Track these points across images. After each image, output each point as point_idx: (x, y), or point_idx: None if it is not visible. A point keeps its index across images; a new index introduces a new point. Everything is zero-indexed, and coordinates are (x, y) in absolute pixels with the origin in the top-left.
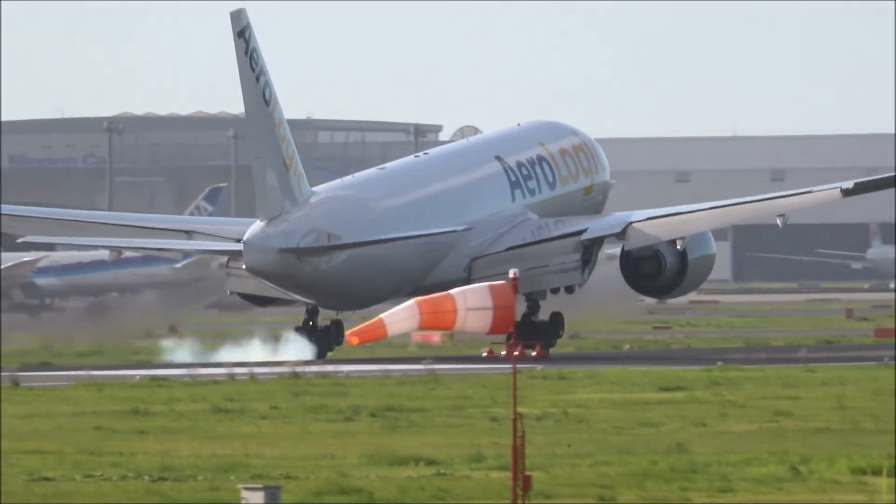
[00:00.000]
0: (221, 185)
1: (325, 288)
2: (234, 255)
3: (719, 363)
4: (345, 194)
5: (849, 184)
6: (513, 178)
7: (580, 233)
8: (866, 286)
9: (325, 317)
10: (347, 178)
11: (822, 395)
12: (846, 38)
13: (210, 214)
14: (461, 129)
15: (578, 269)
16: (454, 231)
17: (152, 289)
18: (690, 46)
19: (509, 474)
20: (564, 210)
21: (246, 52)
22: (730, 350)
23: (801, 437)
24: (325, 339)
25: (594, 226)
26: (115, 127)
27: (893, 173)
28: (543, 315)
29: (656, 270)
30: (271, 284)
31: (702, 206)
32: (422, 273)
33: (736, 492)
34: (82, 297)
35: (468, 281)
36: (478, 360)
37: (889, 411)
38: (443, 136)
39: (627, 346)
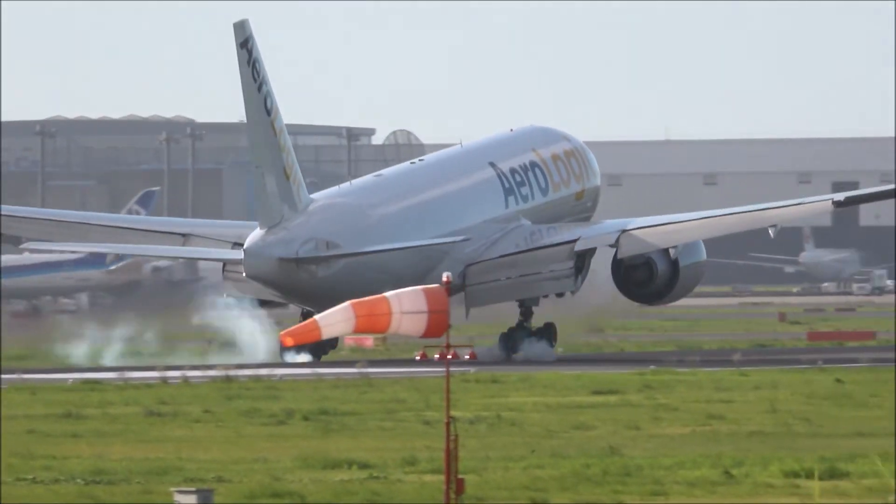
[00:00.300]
0: (154, 188)
1: (322, 294)
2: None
3: (652, 367)
4: (342, 202)
5: (840, 196)
6: (506, 185)
7: (573, 242)
8: (795, 290)
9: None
10: (344, 186)
11: (754, 399)
12: (779, 42)
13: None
14: (394, 133)
15: (571, 277)
16: (452, 241)
17: (84, 293)
18: (622, 50)
19: (442, 477)
20: (556, 215)
21: (248, 63)
22: (663, 354)
23: (734, 441)
24: (320, 343)
25: (587, 234)
26: (48, 130)
27: (882, 188)
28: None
29: (648, 277)
30: (270, 290)
31: (695, 215)
32: (417, 279)
33: (669, 495)
34: (17, 301)
35: (463, 287)
36: (411, 363)
37: (821, 415)
38: (375, 139)
39: (560, 350)
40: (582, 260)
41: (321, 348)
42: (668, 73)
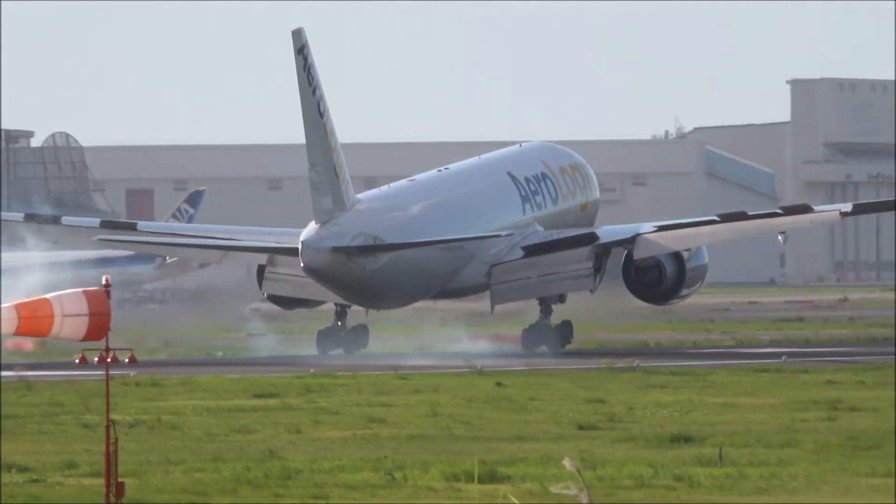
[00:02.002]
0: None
1: (368, 287)
2: (272, 258)
3: (312, 370)
4: (385, 201)
5: (847, 207)
6: (523, 193)
7: (594, 238)
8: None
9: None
10: (383, 188)
11: (415, 402)
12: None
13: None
14: (53, 136)
15: (591, 276)
16: (497, 236)
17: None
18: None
19: (102, 481)
20: (564, 224)
21: (304, 68)
22: (325, 357)
23: (395, 444)
24: (353, 341)
25: (604, 232)
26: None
27: (887, 200)
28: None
29: (657, 279)
30: (322, 283)
31: (705, 219)
32: (448, 277)
33: (330, 498)
34: None
35: (488, 286)
36: (71, 366)
37: (482, 418)
38: (34, 142)
39: (220, 353)
40: (600, 260)
41: (353, 346)
42: (338, 78)
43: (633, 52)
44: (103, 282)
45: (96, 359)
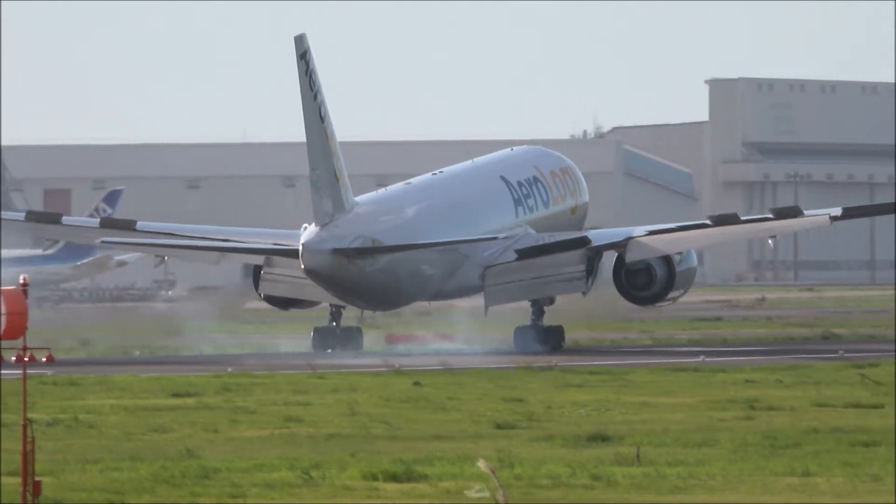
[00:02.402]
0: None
1: (367, 288)
2: (269, 259)
3: (230, 369)
4: (382, 205)
5: (836, 211)
6: (515, 196)
7: (587, 241)
8: None
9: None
10: (381, 191)
11: (333, 402)
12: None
13: None
14: None
15: (583, 279)
16: (494, 238)
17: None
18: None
19: (20, 480)
20: (555, 227)
21: (306, 73)
22: (241, 356)
23: (313, 443)
24: (347, 340)
25: (596, 235)
26: None
27: (880, 203)
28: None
29: (647, 281)
30: (322, 285)
31: (696, 223)
32: (444, 279)
33: (247, 497)
34: None
35: (482, 288)
36: None
37: (400, 417)
38: None
39: (138, 352)
40: (592, 263)
41: (349, 345)
42: (245, 77)
43: (552, 52)
44: (20, 281)
45: (13, 358)
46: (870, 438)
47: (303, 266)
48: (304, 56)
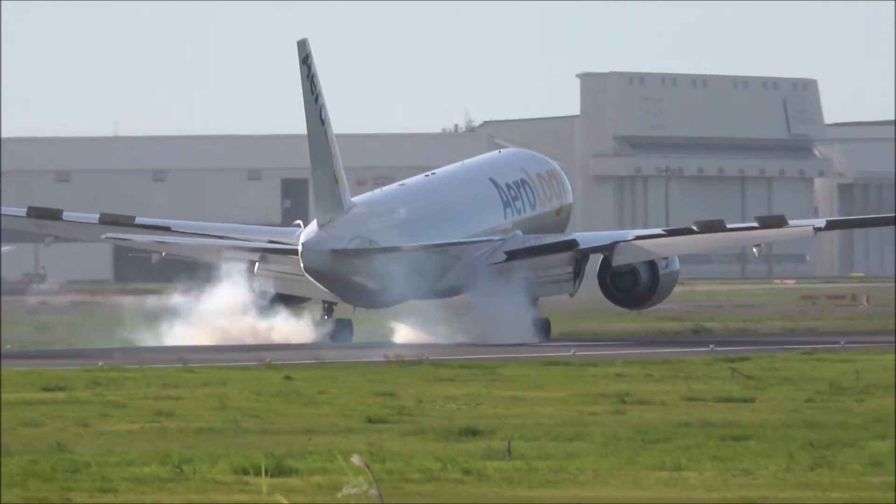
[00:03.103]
0: None
1: (362, 287)
2: (264, 256)
3: (101, 363)
4: (378, 206)
5: (821, 222)
6: (504, 198)
7: (575, 244)
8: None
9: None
10: (377, 192)
11: (203, 396)
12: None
13: None
14: None
15: (571, 280)
16: (490, 241)
17: None
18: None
19: None
20: (541, 228)
21: (308, 77)
22: (112, 350)
23: (183, 437)
24: (339, 333)
25: (585, 239)
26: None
27: (865, 217)
28: None
29: (632, 284)
30: (320, 283)
31: (681, 228)
32: (437, 278)
33: (118, 492)
34: None
35: (472, 287)
36: None
37: (271, 411)
38: None
39: (9, 346)
40: (579, 265)
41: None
42: (118, 70)
43: (422, 45)
44: None
45: None
46: (740, 432)
47: (302, 265)
48: (305, 60)
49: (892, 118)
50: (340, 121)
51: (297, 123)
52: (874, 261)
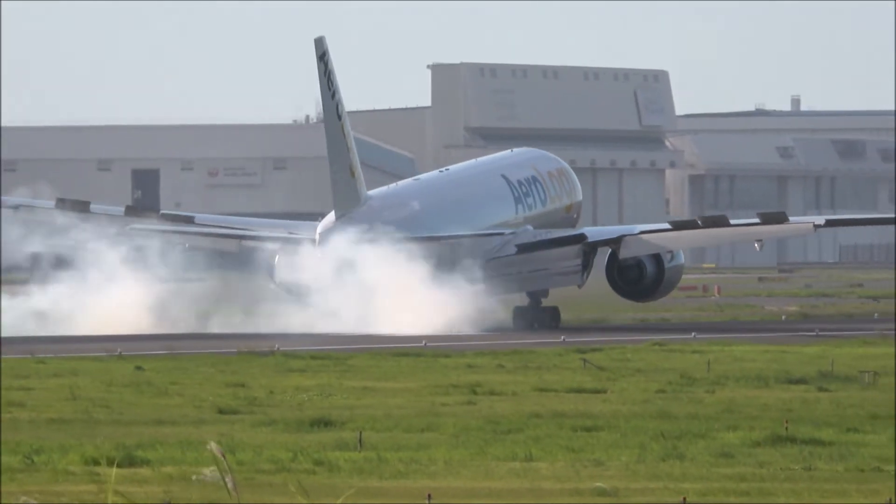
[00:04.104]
0: None
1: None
2: (287, 245)
3: None
4: (394, 199)
5: (820, 220)
6: (515, 194)
7: (583, 238)
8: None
9: None
10: (392, 186)
11: (54, 386)
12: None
13: None
14: None
15: (579, 273)
16: (501, 234)
17: None
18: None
19: None
20: (551, 224)
21: (325, 74)
22: None
23: (34, 428)
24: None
25: (593, 233)
26: None
27: (861, 216)
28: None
29: (638, 277)
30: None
31: (686, 220)
32: (449, 268)
33: None
34: None
35: (484, 279)
36: None
37: (122, 402)
38: None
39: None
40: (588, 258)
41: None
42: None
43: (273, 36)
44: None
45: None
46: (592, 423)
47: (318, 254)
48: (322, 57)
49: (743, 109)
50: (191, 111)
51: (147, 113)
52: (725, 252)
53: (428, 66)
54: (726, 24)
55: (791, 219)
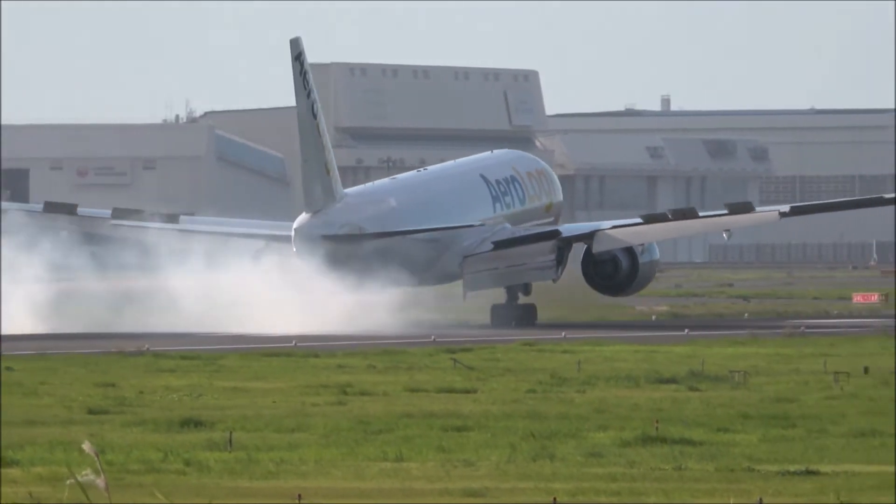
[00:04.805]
0: None
1: (353, 272)
2: (270, 242)
3: None
4: (369, 196)
5: (785, 208)
6: (494, 193)
7: (557, 234)
8: None
9: None
10: (368, 185)
11: None
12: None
13: None
14: None
15: (553, 268)
16: (470, 226)
17: None
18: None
19: None
20: (530, 222)
21: (300, 73)
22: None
23: None
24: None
25: (567, 229)
26: None
27: (825, 202)
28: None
29: (613, 272)
30: (311, 267)
31: (656, 213)
32: (426, 265)
33: None
34: None
35: (461, 275)
36: None
37: None
38: None
39: None
40: (562, 253)
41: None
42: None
43: (138, 34)
44: None
45: None
46: (462, 423)
47: (294, 249)
48: (298, 57)
49: (613, 109)
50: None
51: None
52: None
53: None
54: (596, 23)
55: (757, 209)
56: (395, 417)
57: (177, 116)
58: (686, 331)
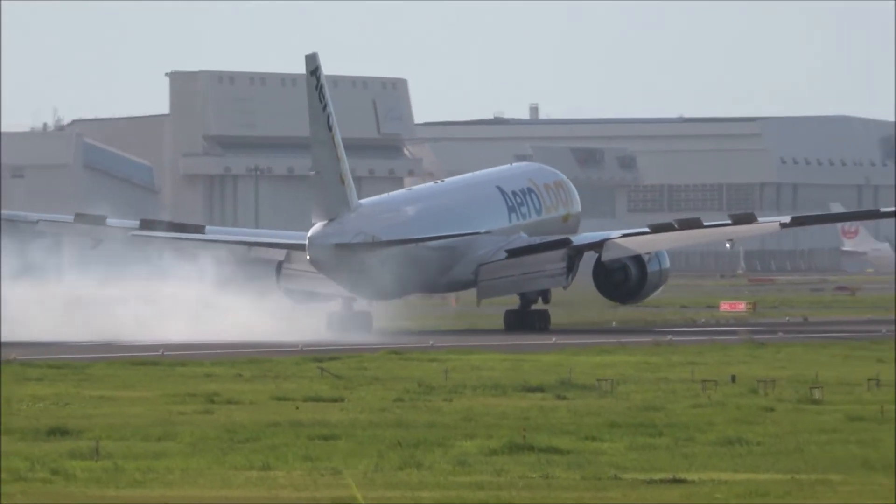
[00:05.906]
0: None
1: (367, 279)
2: (292, 252)
3: None
4: (384, 206)
5: (786, 219)
6: (509, 204)
7: (568, 242)
8: None
9: None
10: (384, 196)
11: None
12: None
13: None
14: None
15: (564, 275)
16: (477, 234)
17: None
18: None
19: None
20: (547, 232)
21: (316, 87)
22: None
23: None
24: (358, 324)
25: (578, 238)
26: None
27: (824, 213)
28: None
29: (623, 280)
30: (326, 275)
31: (663, 223)
32: (441, 272)
33: None
34: None
35: (476, 283)
36: None
37: None
38: None
39: None
40: (572, 261)
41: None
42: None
43: (12, 43)
44: None
45: None
46: (329, 432)
47: (308, 258)
48: (314, 72)
49: (482, 118)
50: None
51: None
52: None
53: (166, 74)
54: (465, 31)
55: (760, 219)
56: (262, 426)
57: (45, 124)
58: (553, 339)
